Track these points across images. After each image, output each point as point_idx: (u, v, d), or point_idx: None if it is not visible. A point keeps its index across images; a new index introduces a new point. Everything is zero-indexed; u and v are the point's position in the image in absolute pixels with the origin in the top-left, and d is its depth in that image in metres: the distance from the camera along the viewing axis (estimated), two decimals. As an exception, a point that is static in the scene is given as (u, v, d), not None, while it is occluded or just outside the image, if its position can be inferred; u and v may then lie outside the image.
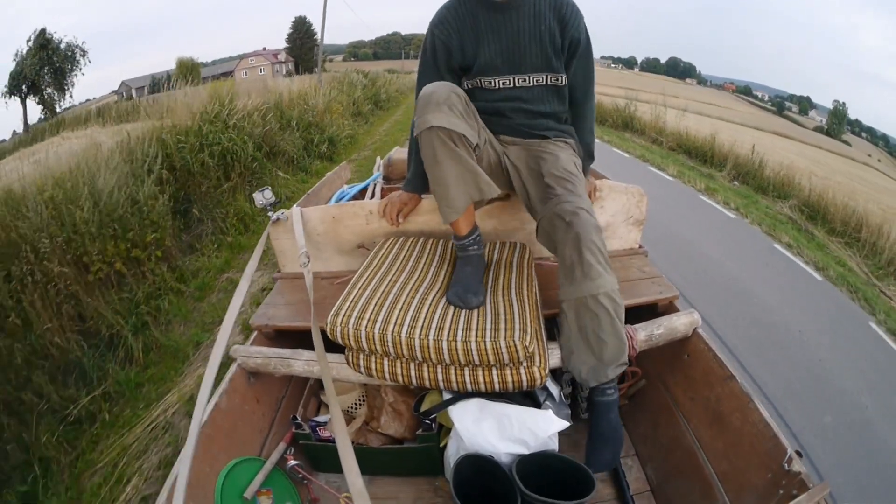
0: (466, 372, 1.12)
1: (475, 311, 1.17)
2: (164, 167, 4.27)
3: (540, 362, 1.12)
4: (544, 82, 1.34)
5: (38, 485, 2.12)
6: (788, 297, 4.58)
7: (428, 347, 1.08)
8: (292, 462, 1.30)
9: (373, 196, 2.58)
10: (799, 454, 0.98)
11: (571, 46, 1.31)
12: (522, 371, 1.10)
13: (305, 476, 1.29)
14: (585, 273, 1.11)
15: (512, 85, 1.34)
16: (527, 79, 1.33)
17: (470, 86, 1.39)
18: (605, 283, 1.11)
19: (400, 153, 3.06)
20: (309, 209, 1.65)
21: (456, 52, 1.33)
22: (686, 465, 1.25)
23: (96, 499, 2.09)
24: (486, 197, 1.25)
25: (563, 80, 1.35)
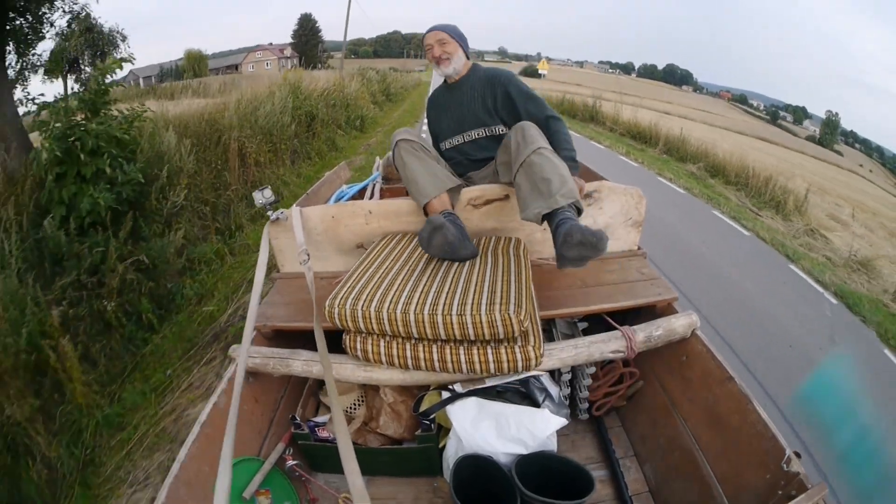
0: (462, 351, 1.13)
1: (472, 287, 1.18)
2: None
3: (534, 341, 1.12)
4: (484, 134, 1.76)
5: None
6: (667, 207, 6.90)
7: (423, 322, 1.09)
8: (291, 462, 1.29)
9: (372, 196, 2.57)
10: (798, 454, 0.99)
11: (508, 100, 1.72)
12: (518, 350, 1.11)
13: (304, 476, 1.29)
14: (527, 144, 1.40)
15: (461, 142, 1.80)
16: (469, 134, 1.78)
17: (441, 149, 1.86)
18: (541, 143, 1.40)
19: None
20: (308, 208, 1.65)
21: (434, 125, 1.90)
22: (685, 465, 1.25)
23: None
24: (446, 186, 1.53)
25: (499, 129, 1.74)
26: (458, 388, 1.23)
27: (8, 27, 4.90)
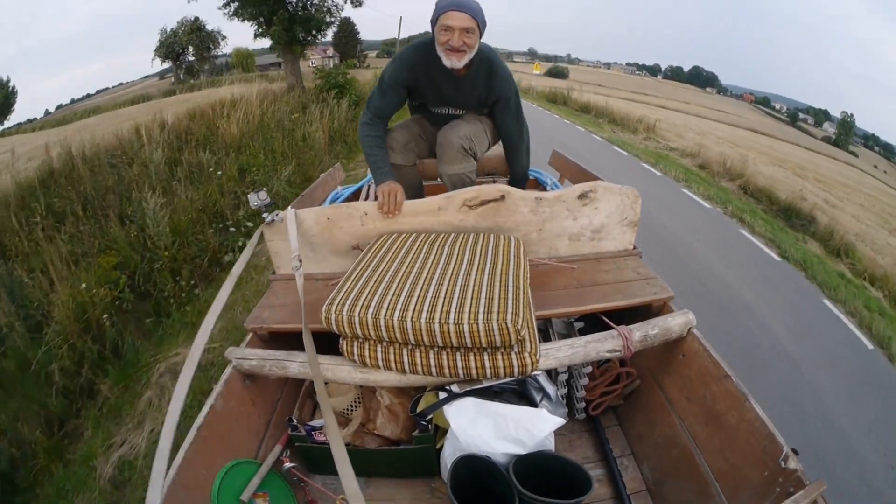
0: (458, 357, 1.13)
1: (469, 293, 1.17)
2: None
3: (531, 348, 1.12)
4: (469, 110, 1.93)
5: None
6: (570, 136, 11.77)
7: (420, 330, 1.09)
8: (288, 464, 1.29)
9: (367, 197, 2.57)
10: (795, 451, 0.99)
11: (499, 103, 1.82)
12: (514, 356, 1.11)
13: (302, 478, 1.29)
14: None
15: (448, 113, 1.94)
16: (457, 111, 1.93)
17: (416, 104, 2.01)
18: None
19: None
20: (303, 211, 1.65)
21: (413, 88, 1.85)
22: (682, 463, 1.25)
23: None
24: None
25: (483, 111, 1.93)
26: (455, 388, 1.23)
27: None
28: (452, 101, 1.89)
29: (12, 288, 3.36)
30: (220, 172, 5.27)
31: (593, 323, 1.49)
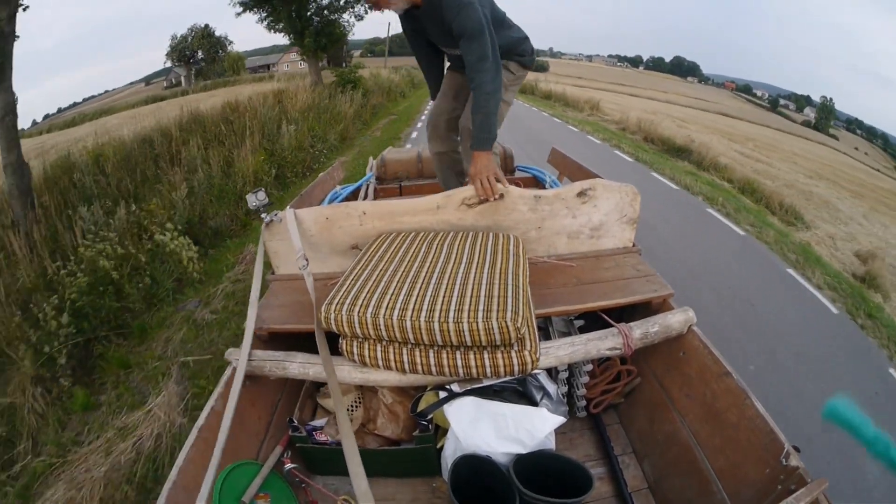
0: (458, 356, 1.12)
1: (468, 292, 1.17)
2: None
3: (531, 346, 1.12)
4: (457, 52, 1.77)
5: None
6: (525, 114, 15.67)
7: (420, 329, 1.09)
8: (289, 465, 1.29)
9: (366, 196, 2.57)
10: (797, 449, 0.99)
11: (461, 39, 1.60)
12: (514, 355, 1.11)
13: (303, 479, 1.28)
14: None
15: (451, 53, 1.97)
16: (454, 51, 1.82)
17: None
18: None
19: (393, 153, 3.05)
20: (302, 210, 1.64)
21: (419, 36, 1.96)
22: (683, 461, 1.25)
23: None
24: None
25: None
26: (455, 388, 1.23)
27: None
28: (441, 41, 1.85)
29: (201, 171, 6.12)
30: (294, 128, 8.38)
31: (593, 321, 1.48)
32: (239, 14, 14.02)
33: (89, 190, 5.28)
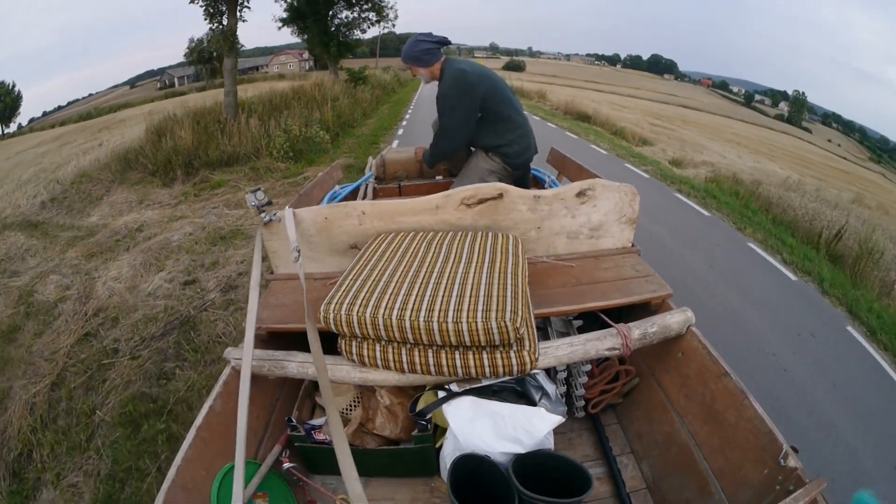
0: (458, 356, 1.12)
1: (468, 292, 1.16)
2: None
3: (530, 346, 1.12)
4: None
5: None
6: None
7: (419, 329, 1.08)
8: (288, 464, 1.28)
9: (365, 196, 2.57)
10: (795, 449, 0.99)
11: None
12: (513, 355, 1.11)
13: (301, 478, 1.28)
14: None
15: None
16: None
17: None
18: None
19: (393, 153, 3.05)
20: (301, 210, 1.64)
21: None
22: (682, 461, 1.25)
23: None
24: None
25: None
26: (454, 387, 1.23)
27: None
28: None
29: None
30: (342, 101, 13.04)
31: (592, 321, 1.48)
32: (280, 28, 18.40)
33: (260, 115, 9.92)
